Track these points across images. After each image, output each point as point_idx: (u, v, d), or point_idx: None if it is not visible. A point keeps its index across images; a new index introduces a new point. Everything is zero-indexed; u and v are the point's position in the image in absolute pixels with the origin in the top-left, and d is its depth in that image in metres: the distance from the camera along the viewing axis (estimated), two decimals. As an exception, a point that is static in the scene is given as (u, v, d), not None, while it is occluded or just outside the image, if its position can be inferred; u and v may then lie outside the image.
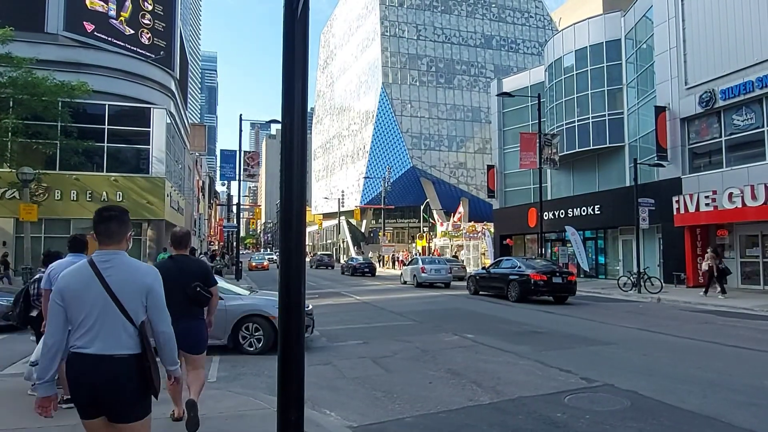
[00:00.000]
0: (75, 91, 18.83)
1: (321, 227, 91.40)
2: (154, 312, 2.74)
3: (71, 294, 2.63)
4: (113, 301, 2.63)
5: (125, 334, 2.64)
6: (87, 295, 2.63)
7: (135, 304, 2.68)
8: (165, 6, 28.43)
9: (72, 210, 22.25)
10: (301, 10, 2.79)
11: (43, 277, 5.51)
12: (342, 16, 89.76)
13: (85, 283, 2.64)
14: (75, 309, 2.63)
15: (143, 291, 2.70)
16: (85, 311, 2.62)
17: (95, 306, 2.62)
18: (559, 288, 16.74)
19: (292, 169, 2.87)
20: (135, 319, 2.67)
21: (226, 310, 8.16)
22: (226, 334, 8.39)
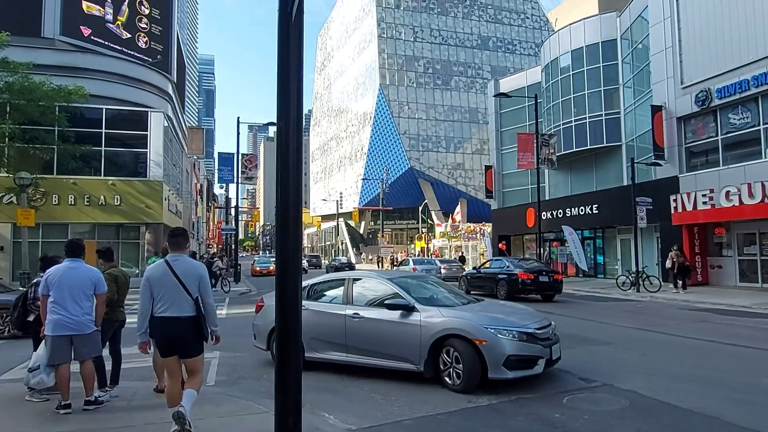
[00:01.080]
0: (72, 95, 18.82)
1: (319, 229, 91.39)
2: (203, 291, 4.56)
3: (154, 280, 4.45)
4: (180, 284, 4.41)
5: (187, 304, 4.43)
6: (164, 280, 4.42)
7: (192, 285, 4.47)
8: (162, 10, 28.43)
9: (70, 214, 22.23)
10: (295, 14, 2.79)
11: (41, 282, 5.51)
12: (339, 18, 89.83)
13: (163, 273, 4.45)
14: (156, 289, 4.43)
15: (198, 278, 4.54)
16: (163, 290, 4.40)
17: (169, 287, 4.41)
18: (545, 286, 17.59)
19: (288, 172, 2.87)
20: (193, 294, 4.46)
21: (421, 325, 6.43)
22: (422, 358, 6.38)
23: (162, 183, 24.34)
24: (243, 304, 18.97)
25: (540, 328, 6.50)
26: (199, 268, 4.62)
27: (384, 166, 67.51)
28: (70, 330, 5.20)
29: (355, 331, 6.92)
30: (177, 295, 4.38)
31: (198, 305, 4.46)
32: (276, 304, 3.07)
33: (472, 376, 6.01)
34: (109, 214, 22.81)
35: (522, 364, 6.12)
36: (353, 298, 7.27)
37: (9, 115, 18.18)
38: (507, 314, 6.83)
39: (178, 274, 4.41)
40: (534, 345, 6.23)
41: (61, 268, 5.40)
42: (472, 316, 6.50)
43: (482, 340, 6.02)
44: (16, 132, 18.29)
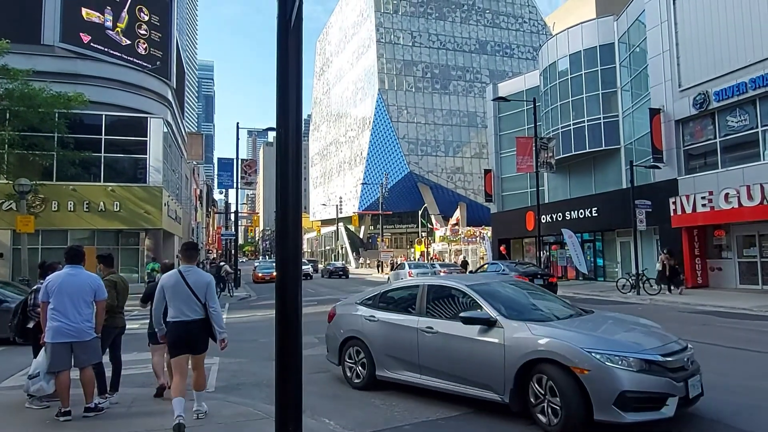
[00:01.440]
0: (72, 102, 18.83)
1: (319, 234, 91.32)
2: (210, 297, 5.18)
3: (168, 287, 5.10)
4: (191, 292, 5.08)
5: (198, 308, 5.11)
6: (177, 288, 5.08)
7: (201, 292, 5.13)
8: (161, 16, 28.52)
9: (69, 221, 22.22)
10: (294, 20, 2.81)
11: (41, 289, 5.51)
12: (337, 24, 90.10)
13: (176, 281, 5.11)
14: (170, 295, 5.09)
15: (206, 286, 5.19)
16: (176, 296, 5.06)
17: (181, 294, 5.07)
18: None
19: (288, 178, 2.88)
20: (201, 300, 5.12)
21: (505, 345, 5.21)
22: (506, 386, 5.13)
23: (161, 189, 24.35)
24: (243, 309, 18.96)
25: (669, 354, 4.90)
26: (207, 278, 5.32)
27: (383, 170, 67.57)
28: (69, 337, 5.19)
29: (428, 349, 5.94)
30: (188, 301, 5.08)
31: (206, 309, 5.14)
32: (276, 310, 3.07)
33: (572, 416, 4.57)
34: (109, 220, 22.80)
35: (643, 404, 4.57)
36: (428, 308, 6.22)
37: (8, 122, 18.19)
38: (623, 333, 5.38)
39: (189, 283, 5.10)
40: (661, 377, 4.64)
41: (61, 274, 5.40)
42: (571, 334, 5.05)
43: (584, 369, 4.60)
44: (16, 139, 18.30)
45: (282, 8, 2.86)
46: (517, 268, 19.16)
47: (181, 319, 5.03)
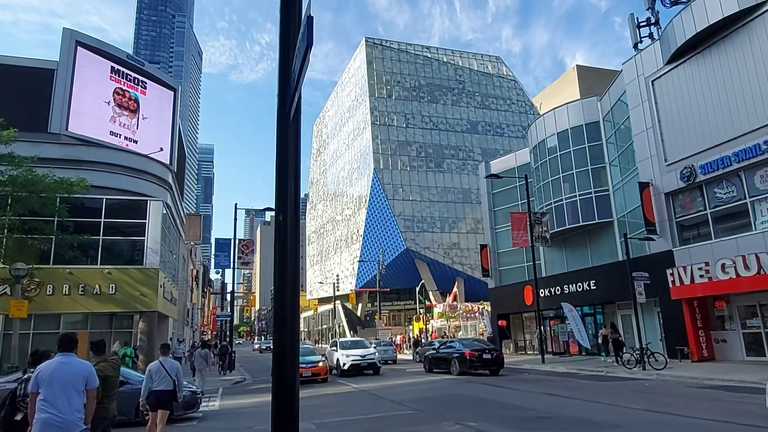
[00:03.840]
0: (74, 187, 19.19)
1: (316, 312, 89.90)
2: (179, 376, 8.71)
3: (153, 371, 8.61)
4: (167, 373, 8.59)
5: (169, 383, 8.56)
6: (160, 371, 8.60)
7: (173, 373, 8.63)
8: (164, 106, 29.82)
9: (63, 304, 21.92)
10: (293, 115, 3.00)
11: (31, 379, 5.36)
12: (333, 108, 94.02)
13: (159, 367, 8.62)
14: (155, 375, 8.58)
15: (177, 370, 8.75)
16: (158, 376, 8.56)
17: (162, 374, 8.57)
18: (489, 362, 20.72)
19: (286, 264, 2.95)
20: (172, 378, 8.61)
21: None
22: None
23: (158, 270, 24.26)
24: (237, 394, 18.29)
25: None
26: (176, 365, 8.88)
27: (380, 247, 67.76)
28: (58, 429, 5.00)
29: None
30: (166, 379, 8.56)
31: (174, 383, 8.62)
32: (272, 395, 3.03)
33: None
34: (103, 303, 22.52)
35: None
36: None
37: (10, 207, 18.43)
38: None
39: (166, 368, 8.65)
40: None
41: (53, 363, 5.28)
42: None
43: None
44: (16, 223, 18.46)
45: (282, 102, 3.06)
46: (469, 344, 22.18)
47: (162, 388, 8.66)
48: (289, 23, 3.19)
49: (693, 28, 20.55)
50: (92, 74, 25.93)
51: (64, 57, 24.95)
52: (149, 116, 28.72)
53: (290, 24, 3.19)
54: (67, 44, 25.12)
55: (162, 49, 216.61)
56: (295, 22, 3.17)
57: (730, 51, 20.05)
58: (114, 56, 27.27)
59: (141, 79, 28.57)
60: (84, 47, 25.75)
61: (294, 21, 3.18)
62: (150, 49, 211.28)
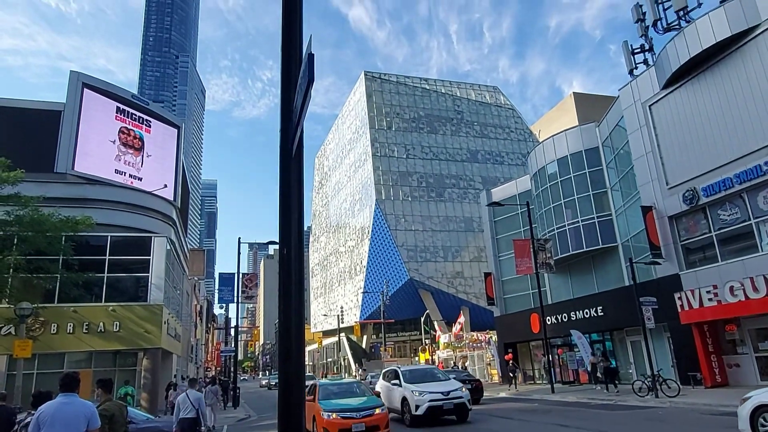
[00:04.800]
0: (79, 225, 19.30)
1: (321, 346, 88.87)
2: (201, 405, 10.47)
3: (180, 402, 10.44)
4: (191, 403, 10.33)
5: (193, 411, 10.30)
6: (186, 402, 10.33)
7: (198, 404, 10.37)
8: (168, 143, 30.23)
9: (67, 343, 21.77)
10: (295, 151, 3.07)
11: (32, 421, 5.30)
12: (334, 141, 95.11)
13: (184, 398, 10.40)
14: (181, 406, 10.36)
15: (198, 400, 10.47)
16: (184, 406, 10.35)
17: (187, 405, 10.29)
18: (471, 392, 19.74)
19: (290, 297, 2.96)
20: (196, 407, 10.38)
21: None
22: None
23: (162, 306, 24.16)
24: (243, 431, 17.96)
25: None
26: (200, 396, 10.13)
27: (384, 278, 67.45)
28: (61, 471, 4.93)
29: None
30: (190, 408, 10.03)
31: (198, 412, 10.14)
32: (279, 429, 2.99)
33: None
34: (108, 340, 22.35)
35: None
36: None
37: (16, 246, 18.51)
38: None
39: (191, 399, 10.12)
40: None
41: (54, 404, 5.22)
42: None
43: None
44: (21, 263, 18.51)
45: (284, 138, 3.13)
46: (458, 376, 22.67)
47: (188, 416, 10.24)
48: (290, 60, 3.29)
49: (687, 54, 20.90)
50: (98, 114, 26.41)
51: (71, 98, 25.46)
52: (153, 154, 29.10)
53: (291, 61, 3.29)
54: (73, 86, 25.67)
55: (166, 88, 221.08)
56: (296, 59, 3.27)
57: (725, 74, 20.33)
58: (119, 96, 27.82)
59: (145, 118, 29.06)
60: (90, 88, 26.30)
61: (295, 58, 3.28)
62: (154, 88, 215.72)
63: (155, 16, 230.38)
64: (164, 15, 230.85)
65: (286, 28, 3.33)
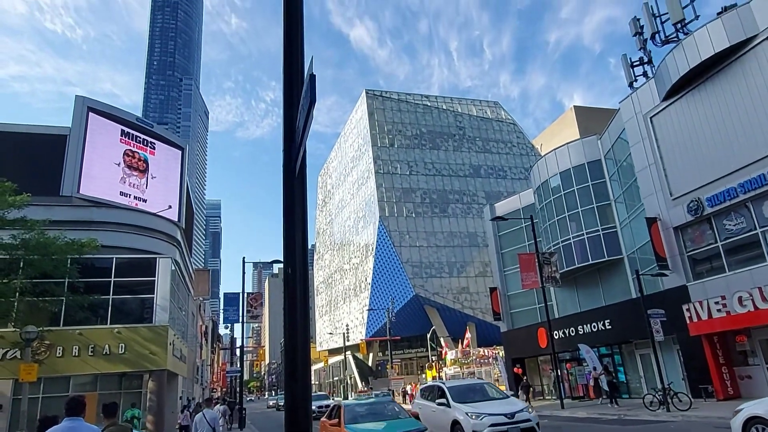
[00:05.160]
0: (84, 248, 19.35)
1: (327, 364, 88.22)
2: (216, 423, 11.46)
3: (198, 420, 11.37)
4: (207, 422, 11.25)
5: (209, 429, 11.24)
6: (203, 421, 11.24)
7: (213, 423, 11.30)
8: (173, 165, 30.46)
9: (73, 366, 21.66)
10: (298, 169, 3.10)
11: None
12: (337, 159, 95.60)
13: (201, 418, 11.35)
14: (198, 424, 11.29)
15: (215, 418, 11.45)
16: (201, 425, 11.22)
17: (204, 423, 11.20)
18: None
19: (295, 316, 2.96)
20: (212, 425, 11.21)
21: None
22: None
23: (167, 327, 24.08)
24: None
25: None
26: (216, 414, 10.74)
27: (389, 295, 67.18)
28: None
29: None
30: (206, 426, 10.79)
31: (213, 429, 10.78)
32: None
33: None
34: (113, 363, 22.25)
35: None
36: None
37: (22, 270, 18.56)
38: None
39: (207, 418, 10.87)
40: None
41: (60, 429, 5.20)
42: None
43: None
44: (27, 287, 18.54)
45: (287, 158, 3.16)
46: None
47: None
48: (292, 82, 3.34)
49: (686, 65, 21.03)
50: (103, 138, 26.68)
51: (77, 123, 25.74)
52: (158, 175, 29.30)
53: (293, 82, 3.34)
54: (79, 110, 25.98)
55: (170, 110, 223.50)
56: (298, 80, 3.32)
57: (725, 84, 20.42)
58: (124, 120, 28.11)
59: (150, 140, 29.32)
60: (95, 112, 26.61)
61: (297, 79, 3.33)
62: (159, 111, 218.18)
63: (159, 41, 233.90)
64: (168, 39, 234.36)
65: (288, 50, 3.39)
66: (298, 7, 3.50)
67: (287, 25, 3.50)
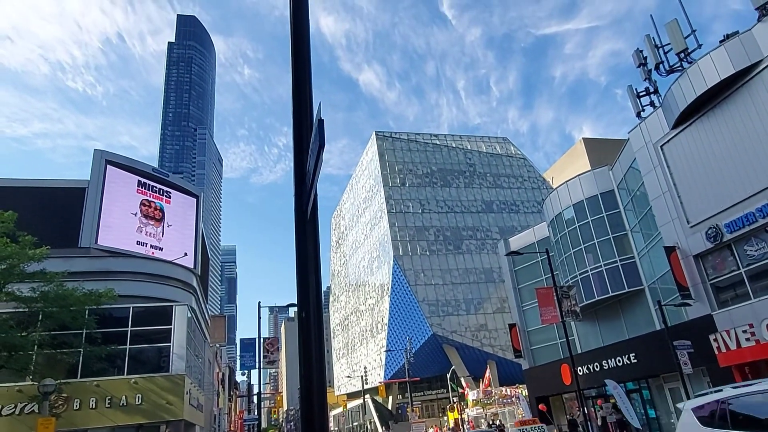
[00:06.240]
0: (102, 298, 19.49)
1: (346, 409, 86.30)
2: None
3: None
4: None
5: None
6: None
7: None
8: (188, 212, 30.91)
9: (89, 419, 21.44)
10: (310, 211, 3.13)
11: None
12: (350, 200, 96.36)
13: None
14: None
15: None
16: None
17: None
18: None
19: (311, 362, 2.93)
20: None
21: None
22: None
23: (184, 377, 23.86)
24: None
25: None
26: None
27: (406, 335, 66.20)
28: None
29: None
30: None
31: None
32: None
33: None
34: (130, 414, 21.99)
35: None
36: None
37: (41, 322, 18.67)
38: None
39: None
40: None
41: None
42: None
43: None
44: (46, 339, 18.60)
45: (298, 201, 3.20)
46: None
47: None
48: (302, 126, 3.42)
49: (693, 93, 21.13)
50: (120, 189, 27.27)
51: (95, 175, 26.40)
52: (174, 223, 29.70)
53: (303, 127, 3.42)
54: (97, 164, 26.69)
55: (185, 159, 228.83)
56: (308, 125, 3.40)
57: (734, 110, 20.42)
58: (140, 170, 28.78)
59: (165, 190, 29.88)
60: (113, 165, 27.31)
61: (306, 124, 3.41)
62: (174, 161, 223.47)
63: (174, 93, 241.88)
64: (183, 92, 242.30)
65: (297, 97, 3.48)
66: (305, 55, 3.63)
67: (295, 74, 3.61)
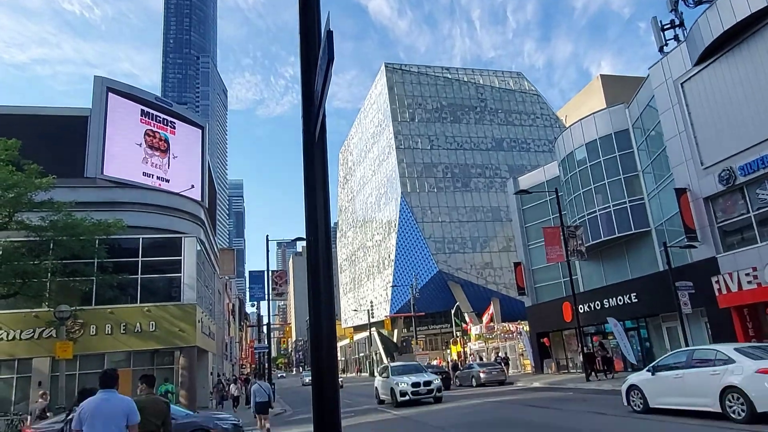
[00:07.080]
0: (111, 228, 19.74)
1: (352, 341, 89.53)
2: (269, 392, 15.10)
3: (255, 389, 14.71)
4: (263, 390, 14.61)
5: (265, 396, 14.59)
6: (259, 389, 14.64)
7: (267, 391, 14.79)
8: (193, 144, 30.65)
9: (106, 344, 22.36)
10: (318, 133, 2.97)
11: (74, 417, 5.39)
12: (357, 135, 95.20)
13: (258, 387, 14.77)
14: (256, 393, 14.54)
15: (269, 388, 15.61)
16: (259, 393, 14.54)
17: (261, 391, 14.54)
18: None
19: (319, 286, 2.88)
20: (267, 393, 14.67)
21: None
22: None
23: (195, 306, 24.57)
24: (279, 426, 18.17)
25: None
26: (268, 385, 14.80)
27: (412, 271, 67.38)
28: (101, 466, 5.00)
29: None
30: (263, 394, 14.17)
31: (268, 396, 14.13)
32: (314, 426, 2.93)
33: None
34: (145, 340, 22.88)
35: None
36: None
37: (52, 251, 19.04)
38: None
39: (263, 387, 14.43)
40: None
41: (94, 400, 5.31)
42: None
43: None
44: (58, 267, 19.04)
45: (306, 122, 3.04)
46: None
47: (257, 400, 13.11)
48: (309, 42, 3.20)
49: (720, 27, 20.08)
50: (123, 118, 26.90)
51: (97, 103, 25.96)
52: (179, 155, 29.52)
53: (310, 43, 3.19)
54: (98, 91, 26.16)
55: (188, 90, 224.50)
56: (315, 40, 3.17)
57: (761, 46, 19.45)
58: (143, 99, 28.27)
59: (170, 120, 29.49)
60: (115, 93, 26.78)
61: (314, 39, 3.18)
62: (177, 90, 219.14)
63: (174, 18, 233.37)
64: (183, 16, 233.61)
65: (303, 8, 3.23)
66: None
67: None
